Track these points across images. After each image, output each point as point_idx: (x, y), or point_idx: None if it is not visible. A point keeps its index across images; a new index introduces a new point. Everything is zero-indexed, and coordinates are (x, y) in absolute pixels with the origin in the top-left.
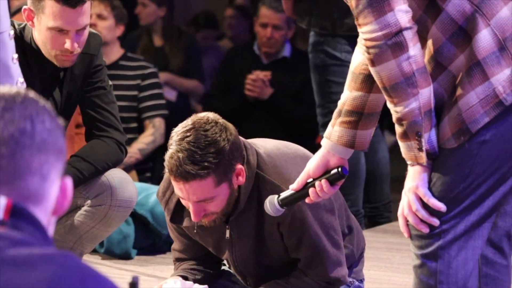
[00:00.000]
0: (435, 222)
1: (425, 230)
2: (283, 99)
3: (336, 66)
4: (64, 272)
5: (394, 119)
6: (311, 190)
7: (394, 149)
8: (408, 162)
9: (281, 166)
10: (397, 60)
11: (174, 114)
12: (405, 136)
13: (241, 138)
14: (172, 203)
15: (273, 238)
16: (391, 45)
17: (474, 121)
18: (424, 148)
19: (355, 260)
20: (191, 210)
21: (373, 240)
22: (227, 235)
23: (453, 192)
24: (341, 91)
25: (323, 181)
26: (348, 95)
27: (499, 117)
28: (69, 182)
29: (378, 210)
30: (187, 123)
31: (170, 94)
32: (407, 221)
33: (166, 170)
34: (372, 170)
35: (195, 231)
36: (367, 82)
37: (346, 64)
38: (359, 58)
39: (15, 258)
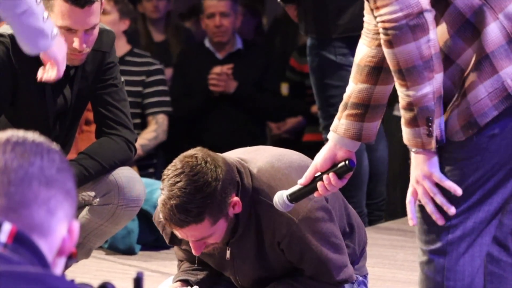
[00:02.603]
0: (452, 210)
1: (441, 221)
2: (247, 90)
3: (332, 68)
4: None
5: (403, 104)
6: (319, 184)
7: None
8: (412, 150)
9: (276, 186)
10: (418, 42)
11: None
12: (413, 121)
13: (233, 160)
14: (169, 228)
15: (275, 255)
16: (412, 26)
17: (482, 114)
18: (434, 134)
19: (356, 257)
20: (191, 246)
21: (377, 237)
22: (228, 256)
23: (462, 186)
24: (339, 94)
25: (331, 174)
26: (354, 88)
27: (508, 111)
28: (76, 225)
29: (369, 207)
30: (176, 166)
31: None
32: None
33: (161, 216)
34: (370, 168)
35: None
36: (373, 74)
37: (342, 67)
38: (363, 50)
39: (9, 273)
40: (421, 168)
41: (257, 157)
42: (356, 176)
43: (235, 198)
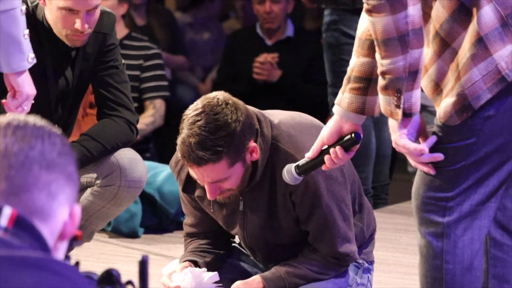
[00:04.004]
0: (440, 156)
1: (433, 171)
2: (292, 80)
3: (351, 45)
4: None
5: (378, 71)
6: (326, 157)
7: None
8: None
9: (295, 136)
10: (395, 16)
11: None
12: (385, 89)
13: (254, 110)
14: (184, 173)
15: (285, 208)
16: (392, 0)
17: (476, 97)
18: (401, 106)
19: (365, 240)
20: (206, 189)
21: (381, 221)
22: (241, 207)
23: (458, 169)
24: None
25: (338, 147)
26: (356, 61)
27: (502, 93)
28: (78, 209)
29: (376, 190)
30: (197, 105)
31: (167, 73)
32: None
33: (179, 154)
34: (376, 149)
35: (209, 204)
36: (374, 48)
37: None
38: (365, 24)
39: (9, 257)
40: (394, 133)
41: (277, 113)
42: (366, 152)
43: (253, 144)
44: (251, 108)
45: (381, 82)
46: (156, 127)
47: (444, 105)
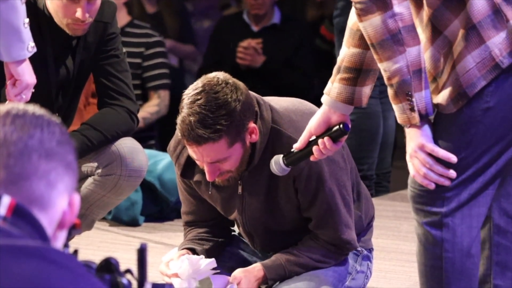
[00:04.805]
0: (452, 173)
1: (447, 182)
2: (275, 66)
3: None
4: (53, 270)
5: (385, 80)
6: (314, 148)
7: None
8: (404, 125)
9: (297, 121)
10: (382, 16)
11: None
12: (396, 97)
13: (254, 94)
14: (183, 157)
15: (286, 194)
16: (375, 1)
17: (471, 85)
18: (416, 108)
19: (363, 228)
20: (206, 170)
21: (381, 208)
22: (239, 190)
23: (457, 161)
24: None
25: (326, 138)
26: (347, 52)
27: (503, 83)
28: (77, 198)
29: (378, 178)
30: (197, 85)
31: (174, 61)
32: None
33: (178, 133)
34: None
35: (207, 190)
36: (364, 39)
37: None
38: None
39: (7, 246)
40: (414, 141)
41: (278, 100)
42: (374, 138)
43: (253, 125)
44: (250, 92)
45: (390, 91)
46: (160, 116)
47: (440, 94)
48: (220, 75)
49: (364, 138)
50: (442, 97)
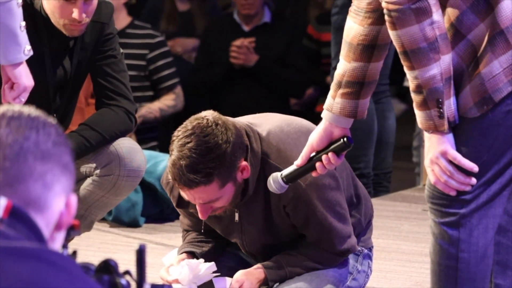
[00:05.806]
0: (473, 181)
1: (468, 189)
2: (269, 65)
3: None
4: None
5: (412, 87)
6: (318, 164)
7: (400, 118)
8: (426, 131)
9: (285, 150)
10: (421, 25)
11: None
12: (424, 104)
13: (242, 124)
14: (177, 190)
15: (281, 217)
16: (415, 9)
17: (497, 90)
18: (445, 115)
19: (362, 229)
20: (198, 209)
21: (382, 208)
22: (236, 218)
23: (478, 163)
24: None
25: (330, 153)
26: (347, 66)
27: None
28: (74, 199)
29: (379, 178)
30: (187, 127)
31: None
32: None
33: (169, 177)
34: (379, 136)
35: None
36: (367, 52)
37: None
38: (354, 29)
39: (4, 248)
40: (436, 148)
41: (266, 122)
42: (369, 135)
43: (244, 163)
44: (239, 122)
45: (418, 98)
46: (176, 111)
47: (461, 97)
48: (209, 115)
49: (358, 136)
50: (464, 101)
